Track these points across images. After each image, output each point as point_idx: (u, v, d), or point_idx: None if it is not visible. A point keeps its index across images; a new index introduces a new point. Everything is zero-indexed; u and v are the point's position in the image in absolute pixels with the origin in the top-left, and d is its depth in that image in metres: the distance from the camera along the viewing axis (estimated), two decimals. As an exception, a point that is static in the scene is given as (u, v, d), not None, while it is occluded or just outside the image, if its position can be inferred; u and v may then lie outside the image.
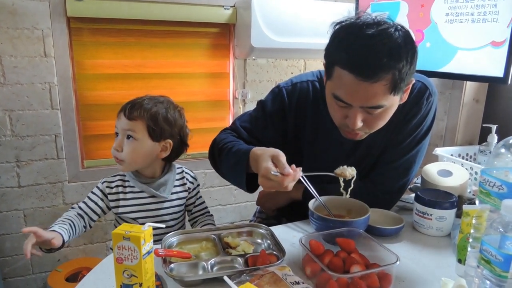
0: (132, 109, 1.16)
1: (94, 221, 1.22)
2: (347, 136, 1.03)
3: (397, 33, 0.89)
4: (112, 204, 1.21)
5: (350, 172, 1.00)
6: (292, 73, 2.27)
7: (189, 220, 1.35)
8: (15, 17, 1.72)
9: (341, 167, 1.01)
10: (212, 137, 1.20)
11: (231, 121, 2.23)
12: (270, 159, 0.92)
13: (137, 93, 2.02)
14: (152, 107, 1.17)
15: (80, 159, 1.98)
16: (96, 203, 1.20)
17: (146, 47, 2.01)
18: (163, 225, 0.82)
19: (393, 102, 0.95)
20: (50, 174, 1.92)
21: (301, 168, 0.93)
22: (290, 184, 0.90)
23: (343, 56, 0.90)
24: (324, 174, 1.00)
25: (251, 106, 2.20)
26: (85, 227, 1.20)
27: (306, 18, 2.00)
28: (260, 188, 0.99)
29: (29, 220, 1.93)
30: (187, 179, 1.29)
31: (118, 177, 1.23)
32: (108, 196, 1.20)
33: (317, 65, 2.31)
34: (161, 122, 1.17)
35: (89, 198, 1.21)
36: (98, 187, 1.22)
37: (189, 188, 1.29)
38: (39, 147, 1.88)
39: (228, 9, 2.04)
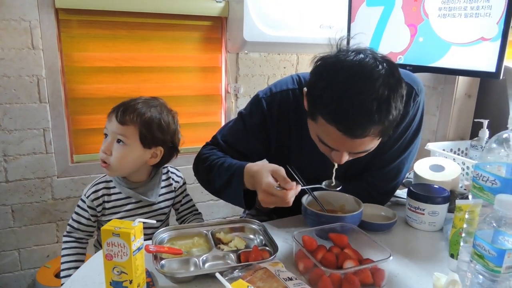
0: (125, 113, 1.10)
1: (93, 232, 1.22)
2: (332, 161, 0.99)
3: (385, 74, 0.82)
4: (99, 214, 1.17)
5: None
6: (284, 67, 2.26)
7: (177, 220, 1.32)
8: (1, 8, 1.67)
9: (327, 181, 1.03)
10: (204, 132, 1.19)
11: (223, 116, 2.24)
12: (270, 174, 0.91)
13: (128, 87, 2.01)
14: (145, 112, 1.12)
15: (69, 154, 1.94)
16: (89, 219, 1.17)
17: (137, 40, 1.98)
18: (154, 221, 0.81)
19: (378, 142, 0.93)
20: (39, 169, 1.89)
21: (299, 184, 0.93)
22: (292, 199, 0.89)
23: (329, 112, 0.84)
24: (319, 186, 1.02)
25: (243, 100, 2.19)
26: (88, 240, 1.21)
27: (298, 12, 1.99)
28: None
29: (17, 215, 1.90)
30: (172, 179, 1.26)
31: (102, 185, 1.17)
32: (97, 208, 1.16)
33: (309, 59, 2.28)
34: (154, 129, 1.12)
35: (81, 215, 1.17)
36: (85, 203, 1.16)
37: (175, 188, 1.26)
38: (27, 141, 1.84)
39: (220, 2, 2.01)
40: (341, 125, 0.84)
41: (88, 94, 1.94)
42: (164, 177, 1.25)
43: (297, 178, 1.03)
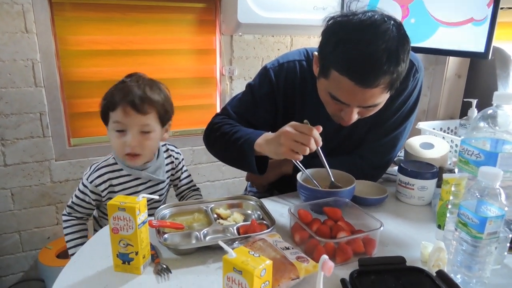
0: (142, 101, 1.07)
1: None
2: (341, 123, 1.05)
3: (392, 29, 0.89)
4: (105, 198, 1.17)
5: None
6: (278, 49, 2.27)
7: (176, 195, 1.35)
8: (-7, -9, 1.67)
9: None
10: (199, 114, 1.21)
11: (218, 98, 2.25)
12: None
13: (123, 70, 2.01)
14: (158, 93, 1.12)
15: (66, 137, 1.96)
16: (89, 203, 1.17)
17: (131, 23, 1.98)
18: (156, 197, 0.84)
19: (387, 96, 0.98)
20: (37, 153, 1.91)
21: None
22: (313, 142, 0.93)
23: (342, 63, 0.90)
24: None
25: (238, 82, 2.21)
26: (88, 217, 1.22)
27: (292, -7, 1.99)
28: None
29: (16, 199, 1.93)
30: (172, 156, 1.28)
31: (105, 169, 1.15)
32: (102, 193, 1.15)
33: (303, 41, 2.31)
34: (168, 106, 1.15)
35: (81, 199, 1.16)
36: (87, 187, 1.14)
37: (175, 165, 1.28)
38: (24, 125, 1.86)
39: (213, -17, 2.01)
40: (354, 75, 0.89)
41: (83, 78, 1.95)
42: (165, 155, 1.26)
43: (296, 163, 1.08)
